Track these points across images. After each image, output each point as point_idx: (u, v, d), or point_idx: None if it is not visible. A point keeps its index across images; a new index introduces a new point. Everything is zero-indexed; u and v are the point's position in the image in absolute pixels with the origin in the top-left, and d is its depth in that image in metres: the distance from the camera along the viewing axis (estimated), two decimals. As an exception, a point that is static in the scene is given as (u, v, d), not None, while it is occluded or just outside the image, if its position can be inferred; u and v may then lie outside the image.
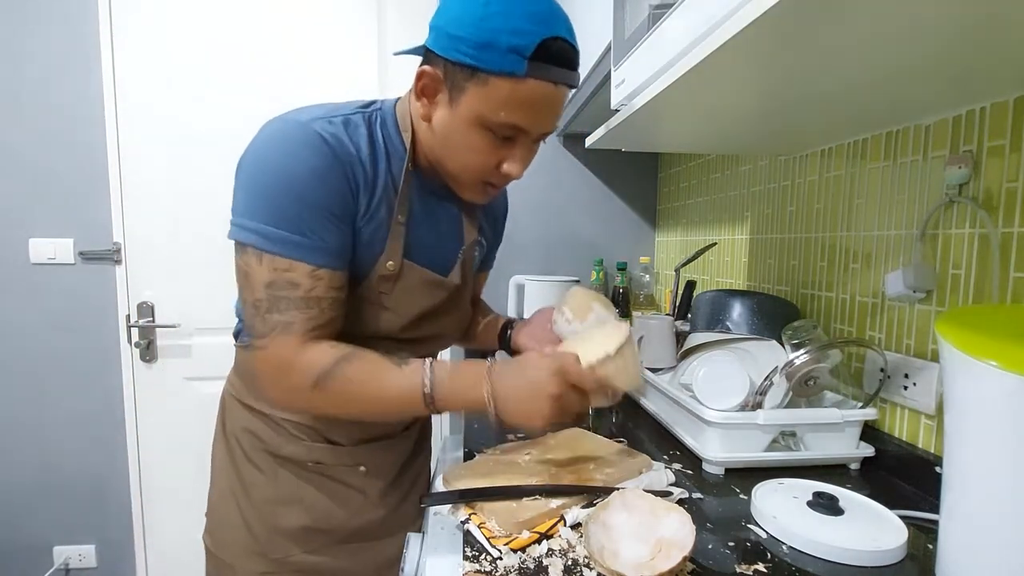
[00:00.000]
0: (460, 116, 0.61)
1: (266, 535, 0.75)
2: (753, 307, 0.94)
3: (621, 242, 1.82)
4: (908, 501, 0.69)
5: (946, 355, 0.49)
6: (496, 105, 0.59)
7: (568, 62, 0.60)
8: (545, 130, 0.65)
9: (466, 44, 0.57)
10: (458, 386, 0.62)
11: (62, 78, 1.57)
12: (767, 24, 0.44)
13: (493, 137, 0.62)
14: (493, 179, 0.68)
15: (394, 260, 0.68)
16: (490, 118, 0.60)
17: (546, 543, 0.57)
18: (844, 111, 0.77)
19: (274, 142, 0.60)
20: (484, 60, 0.56)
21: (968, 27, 0.46)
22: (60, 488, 1.69)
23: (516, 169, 0.66)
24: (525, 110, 0.60)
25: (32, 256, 1.61)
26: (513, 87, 0.58)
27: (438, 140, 0.65)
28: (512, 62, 0.56)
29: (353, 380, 0.61)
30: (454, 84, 0.60)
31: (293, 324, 0.60)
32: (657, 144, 1.11)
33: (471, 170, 0.66)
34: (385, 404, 0.63)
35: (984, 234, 0.68)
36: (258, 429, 0.76)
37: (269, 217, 0.59)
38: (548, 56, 0.57)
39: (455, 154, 0.65)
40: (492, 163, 0.65)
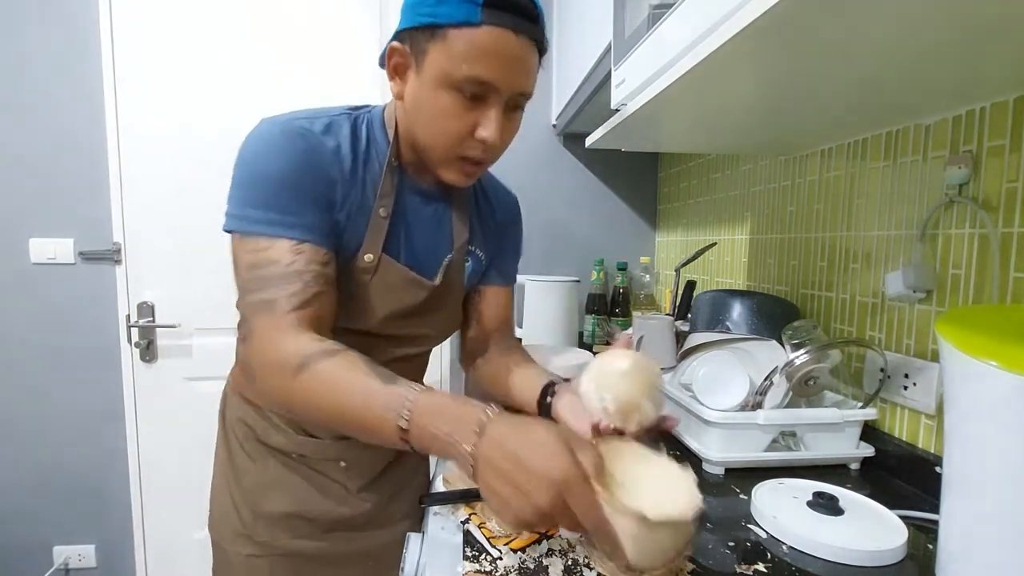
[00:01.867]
0: (426, 80, 0.60)
1: (252, 519, 0.79)
2: (753, 307, 0.94)
3: (621, 242, 1.82)
4: (908, 501, 0.69)
5: (946, 355, 0.49)
6: (457, 59, 0.57)
7: (525, 10, 0.58)
8: (515, 87, 0.61)
9: (425, 4, 0.57)
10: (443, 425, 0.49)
11: (62, 78, 1.57)
12: (767, 24, 0.44)
13: (462, 98, 0.60)
14: (469, 150, 0.64)
15: (372, 253, 0.68)
16: (453, 74, 0.58)
17: (546, 543, 0.57)
18: (844, 111, 0.77)
19: (256, 138, 0.63)
20: (440, 15, 0.57)
21: (968, 27, 0.46)
22: (60, 488, 1.69)
23: (490, 132, 0.61)
24: (487, 60, 0.58)
25: (32, 256, 1.61)
26: (471, 36, 0.57)
27: (410, 113, 0.65)
28: (466, 11, 0.56)
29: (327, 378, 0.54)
30: (418, 50, 0.60)
31: (276, 302, 0.58)
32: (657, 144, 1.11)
33: (444, 138, 0.63)
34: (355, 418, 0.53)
35: (984, 234, 0.68)
36: (250, 419, 0.80)
37: (249, 202, 0.60)
38: (503, 3, 0.57)
39: (427, 123, 0.63)
40: (464, 128, 0.62)
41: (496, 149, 0.65)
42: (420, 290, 0.74)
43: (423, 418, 0.49)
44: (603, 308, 1.61)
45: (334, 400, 0.53)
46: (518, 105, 0.64)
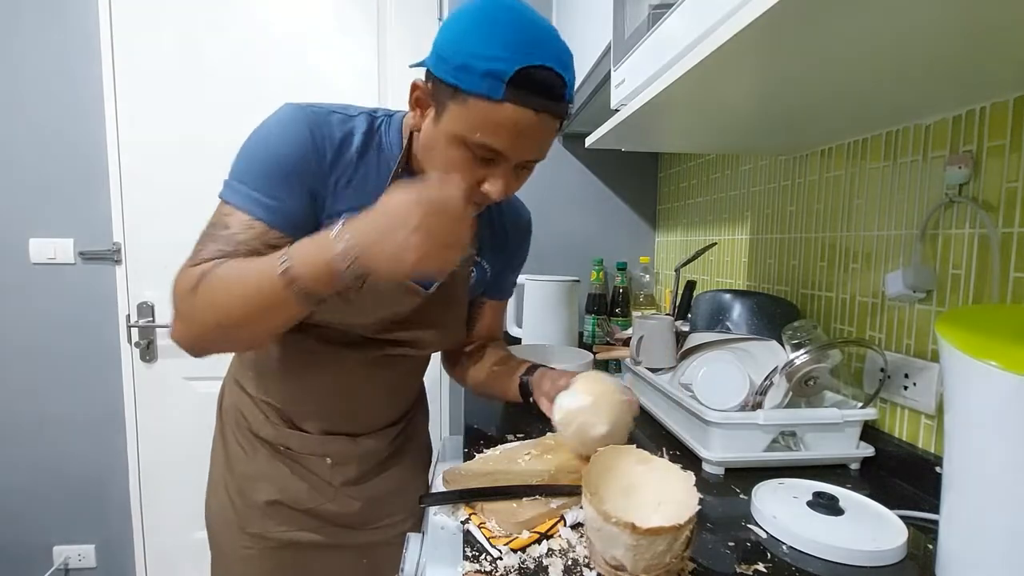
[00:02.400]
0: (441, 132, 0.61)
1: (244, 508, 0.81)
2: (753, 307, 0.94)
3: (621, 242, 1.82)
4: (908, 501, 0.69)
5: (946, 355, 0.49)
6: (472, 126, 0.58)
7: (550, 90, 0.58)
8: (525, 157, 0.63)
9: (448, 64, 0.58)
10: (313, 246, 0.54)
11: (62, 78, 1.57)
12: (767, 24, 0.44)
13: (472, 157, 0.61)
14: (474, 196, 0.65)
15: None
16: (467, 137, 0.59)
17: (546, 543, 0.57)
18: (844, 111, 0.77)
19: (272, 116, 0.66)
20: (463, 80, 0.57)
21: (968, 27, 0.46)
22: (60, 488, 1.69)
23: (495, 191, 0.63)
24: (502, 134, 0.59)
25: (32, 256, 1.61)
26: (490, 109, 0.57)
27: (423, 151, 0.66)
28: (489, 86, 0.56)
29: (221, 276, 0.58)
30: (439, 100, 0.61)
31: (202, 252, 0.62)
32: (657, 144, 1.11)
33: None
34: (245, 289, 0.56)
35: (984, 234, 0.68)
36: (244, 408, 0.83)
37: (238, 172, 0.64)
38: (529, 83, 0.56)
39: (435, 164, 0.64)
40: (472, 180, 0.63)
41: (499, 200, 0.66)
42: (413, 298, 0.75)
43: (296, 254, 0.54)
44: (603, 308, 1.61)
45: (227, 290, 0.58)
46: (528, 167, 0.66)
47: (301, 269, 0.53)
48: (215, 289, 0.58)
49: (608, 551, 0.49)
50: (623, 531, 0.46)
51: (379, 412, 0.86)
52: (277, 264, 0.54)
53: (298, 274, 0.53)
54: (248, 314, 0.57)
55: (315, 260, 0.53)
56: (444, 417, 1.81)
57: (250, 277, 0.56)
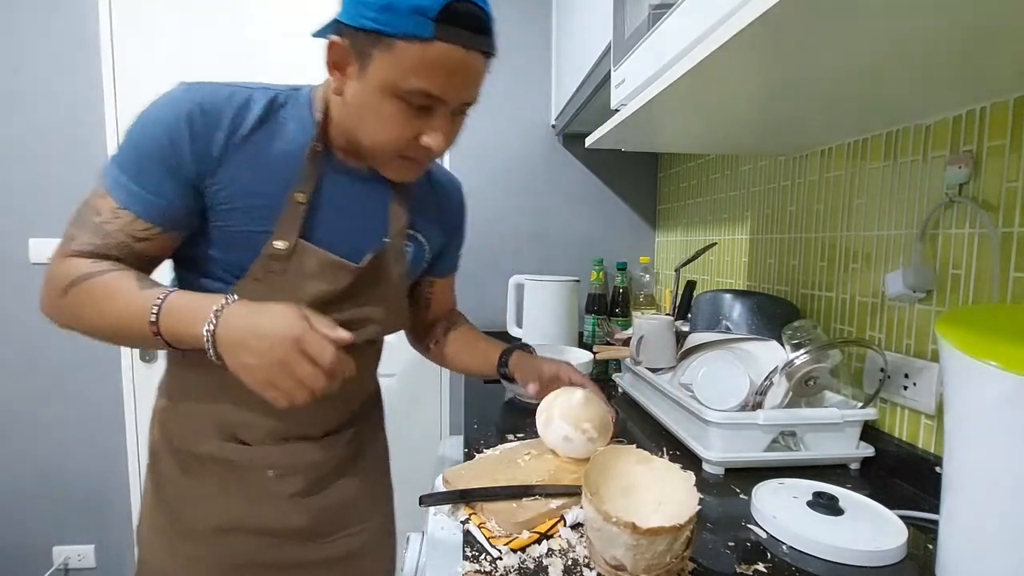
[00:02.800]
0: (370, 86, 0.58)
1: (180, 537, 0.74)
2: (753, 307, 0.94)
3: (621, 242, 1.82)
4: (908, 501, 0.69)
5: (946, 355, 0.49)
6: (404, 71, 0.56)
7: (477, 25, 0.57)
8: (463, 99, 0.61)
9: (368, 8, 0.55)
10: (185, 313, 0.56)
11: (62, 78, 1.57)
12: (767, 24, 0.44)
13: (407, 107, 0.59)
14: (411, 151, 0.64)
15: (287, 240, 0.65)
16: (400, 85, 0.57)
17: (546, 543, 0.57)
18: (844, 111, 0.77)
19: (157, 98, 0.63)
20: (387, 23, 0.54)
21: (968, 28, 0.46)
22: (60, 488, 1.69)
23: (436, 141, 0.61)
24: (437, 75, 0.57)
25: (32, 256, 1.61)
26: (421, 51, 0.55)
27: (351, 114, 0.63)
28: (416, 24, 0.54)
29: (94, 291, 0.59)
30: (361, 52, 0.58)
31: (74, 240, 0.61)
32: (657, 144, 1.11)
33: (387, 143, 0.62)
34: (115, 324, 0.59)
35: (984, 234, 0.68)
36: (172, 424, 0.75)
37: (120, 156, 0.62)
38: (455, 18, 0.55)
39: (369, 127, 0.62)
40: (409, 135, 0.61)
41: (439, 150, 0.64)
42: (344, 274, 0.69)
43: (170, 312, 0.57)
44: (603, 308, 1.61)
45: (97, 308, 0.59)
46: (463, 111, 0.65)
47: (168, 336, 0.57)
48: (83, 305, 0.60)
49: (608, 551, 0.49)
50: (623, 531, 0.46)
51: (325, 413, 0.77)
52: (148, 313, 0.57)
53: (163, 330, 0.57)
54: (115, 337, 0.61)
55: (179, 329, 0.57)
56: (444, 417, 1.81)
57: (120, 311, 0.58)
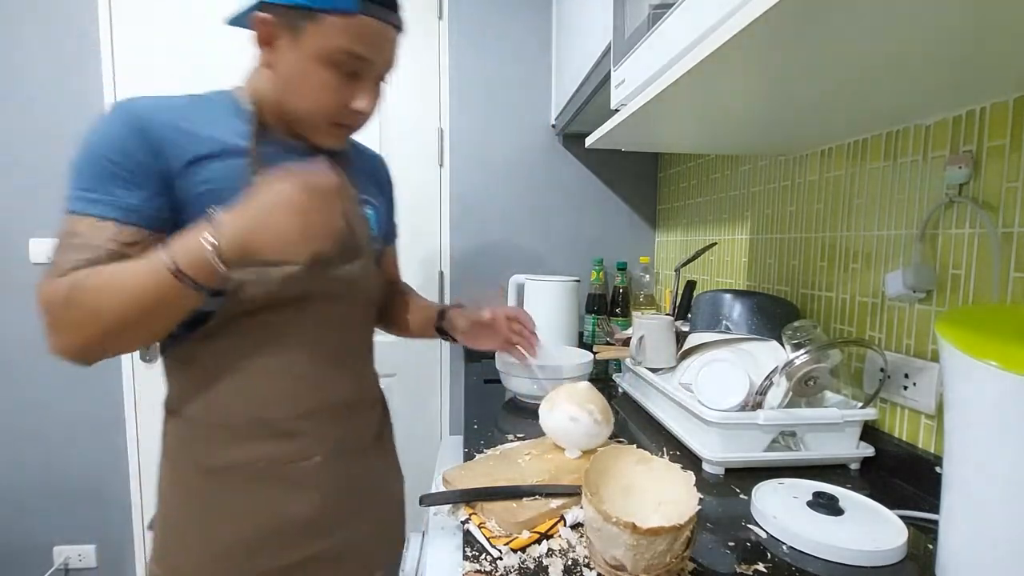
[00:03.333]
0: (304, 55, 0.64)
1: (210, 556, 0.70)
2: (753, 307, 0.94)
3: (621, 242, 1.82)
4: (908, 501, 0.69)
5: (946, 355, 0.49)
6: (337, 39, 0.63)
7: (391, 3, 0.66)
8: (385, 66, 0.69)
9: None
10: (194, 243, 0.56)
11: (62, 78, 1.57)
12: (767, 24, 0.44)
13: (338, 73, 0.65)
14: (343, 118, 0.69)
15: None
16: (332, 51, 0.63)
17: (546, 543, 0.57)
18: (844, 111, 0.77)
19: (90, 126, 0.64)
20: (317, 1, 0.62)
21: (968, 28, 0.46)
22: (60, 488, 1.69)
23: (366, 104, 0.68)
24: (364, 42, 0.65)
25: (32, 256, 1.61)
26: (348, 23, 0.63)
27: (284, 84, 0.67)
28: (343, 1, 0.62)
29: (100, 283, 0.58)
30: (292, 26, 0.64)
31: (62, 264, 0.60)
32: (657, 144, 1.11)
33: (321, 109, 0.68)
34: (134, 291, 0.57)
35: (984, 234, 0.68)
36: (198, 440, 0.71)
37: (72, 181, 0.62)
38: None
39: (303, 94, 0.67)
40: (342, 100, 0.67)
41: (367, 117, 0.71)
42: None
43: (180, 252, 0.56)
44: (603, 308, 1.61)
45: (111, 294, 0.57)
46: (382, 78, 0.71)
47: (189, 268, 0.56)
48: (95, 297, 0.58)
49: (608, 551, 0.49)
50: (623, 531, 0.46)
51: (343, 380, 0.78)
52: (164, 263, 0.56)
53: (188, 271, 0.56)
54: (142, 313, 0.59)
55: (199, 259, 0.56)
56: (444, 417, 1.81)
57: (137, 278, 0.57)
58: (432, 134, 1.72)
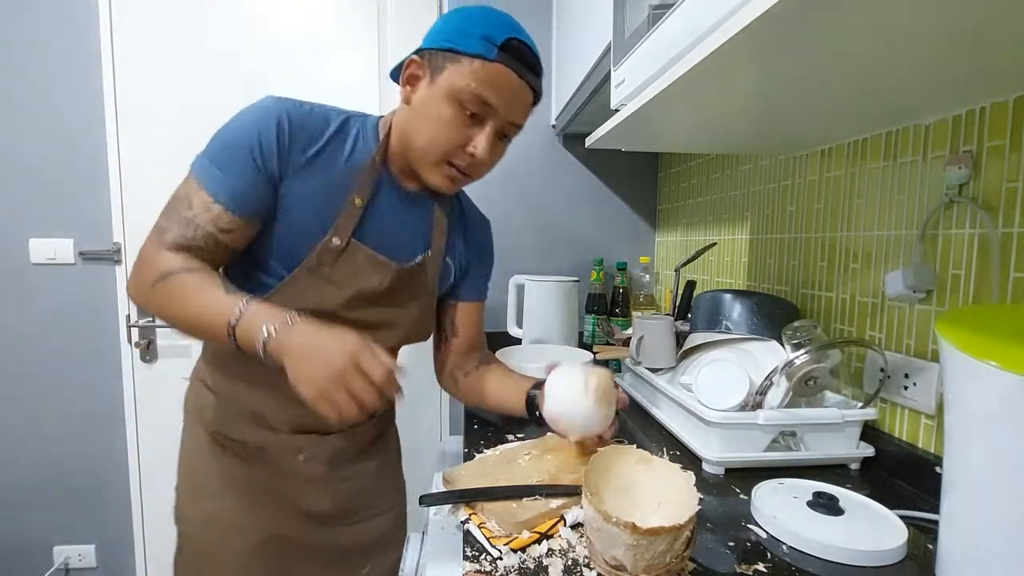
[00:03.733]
0: (437, 90, 0.69)
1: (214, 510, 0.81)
2: (753, 307, 0.94)
3: (621, 242, 1.82)
4: (908, 501, 0.69)
5: (946, 355, 0.49)
6: (467, 78, 0.67)
7: (530, 63, 0.70)
8: (510, 117, 0.72)
9: (448, 33, 0.69)
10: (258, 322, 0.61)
11: (62, 78, 1.57)
12: (767, 24, 0.44)
13: (463, 113, 0.69)
14: (458, 158, 0.72)
15: (340, 237, 0.73)
16: (462, 90, 0.67)
17: (546, 543, 0.57)
18: (844, 111, 0.77)
19: (251, 104, 0.72)
20: (460, 43, 0.67)
21: (968, 28, 0.46)
22: (60, 488, 1.69)
23: (481, 148, 0.70)
24: (493, 88, 0.68)
25: (32, 256, 1.61)
26: (483, 65, 0.67)
27: (413, 116, 0.72)
28: (483, 47, 0.67)
29: (181, 287, 0.64)
30: (435, 66, 0.69)
31: (167, 232, 0.67)
32: (657, 144, 1.11)
33: (437, 143, 0.71)
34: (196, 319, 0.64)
35: (984, 234, 0.68)
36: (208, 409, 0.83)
37: (209, 150, 0.70)
38: (514, 51, 0.68)
39: (426, 127, 0.71)
40: (459, 139, 0.71)
41: (482, 166, 0.74)
42: (386, 272, 0.77)
43: (248, 316, 0.62)
44: (603, 308, 1.61)
45: (182, 304, 0.64)
46: (507, 135, 0.75)
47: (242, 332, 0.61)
48: (170, 299, 0.65)
49: (608, 551, 0.49)
50: (623, 531, 0.46)
51: None
52: (230, 317, 0.62)
53: (238, 335, 0.62)
54: (193, 333, 0.67)
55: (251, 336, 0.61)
56: (444, 417, 1.81)
57: (203, 310, 0.64)
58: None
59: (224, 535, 0.81)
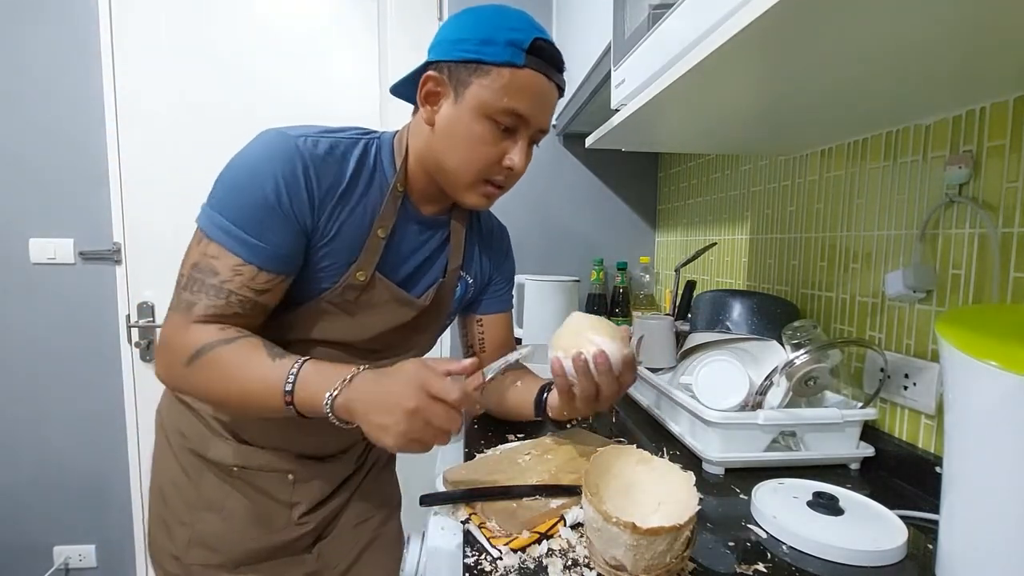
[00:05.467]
0: (465, 108, 0.65)
1: (185, 543, 0.75)
2: (753, 307, 0.94)
3: (621, 242, 1.82)
4: (908, 501, 0.69)
5: (946, 355, 0.49)
6: (499, 92, 0.63)
7: (556, 62, 0.67)
8: (542, 124, 0.69)
9: (469, 43, 0.63)
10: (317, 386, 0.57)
11: (62, 78, 1.57)
12: (767, 24, 0.44)
13: (496, 128, 0.66)
14: (494, 174, 0.69)
15: (365, 271, 0.70)
16: (494, 105, 0.64)
17: (546, 543, 0.57)
18: (844, 111, 0.77)
19: (257, 145, 0.64)
20: (486, 53, 0.63)
21: (968, 27, 0.46)
22: (60, 488, 1.69)
23: (518, 161, 0.68)
24: (525, 97, 0.64)
25: (32, 256, 1.61)
26: (513, 74, 0.63)
27: (442, 139, 0.68)
28: (511, 53, 0.63)
29: (221, 362, 0.59)
30: (459, 81, 0.65)
31: (195, 306, 0.61)
32: (657, 144, 1.11)
33: (473, 163, 0.67)
34: (245, 394, 0.59)
35: (984, 234, 0.68)
36: (186, 427, 0.77)
37: (222, 207, 0.62)
38: (541, 52, 0.64)
39: (459, 148, 0.67)
40: (495, 156, 0.67)
41: (517, 176, 0.71)
42: (409, 310, 0.76)
43: (303, 383, 0.58)
44: (603, 308, 1.61)
45: (227, 380, 0.60)
46: (536, 140, 0.71)
47: (300, 400, 0.58)
48: (210, 376, 0.60)
49: (608, 551, 0.49)
50: (623, 531, 0.46)
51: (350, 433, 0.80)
52: (282, 385, 0.58)
53: (296, 401, 0.58)
54: (242, 406, 0.62)
55: (313, 400, 0.57)
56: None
57: (251, 383, 0.59)
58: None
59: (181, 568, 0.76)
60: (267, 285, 0.63)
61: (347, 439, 0.83)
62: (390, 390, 0.55)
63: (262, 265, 0.62)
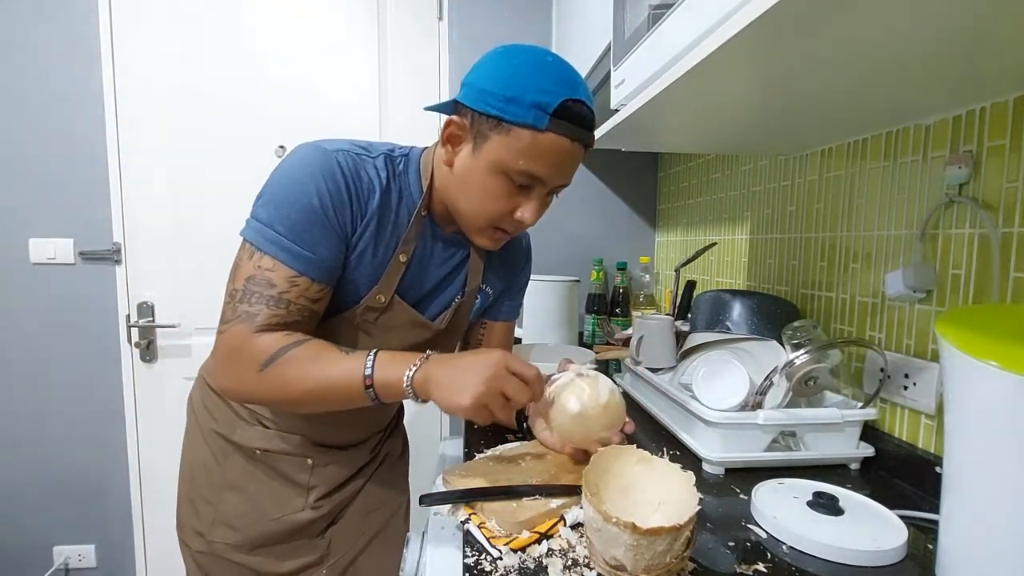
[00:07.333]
0: (482, 161, 0.65)
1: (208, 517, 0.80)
2: (753, 307, 0.94)
3: (621, 242, 1.82)
4: (908, 501, 0.69)
5: (946, 355, 0.49)
6: (516, 153, 0.62)
7: (586, 123, 0.64)
8: (560, 183, 0.68)
9: (494, 97, 0.62)
10: (394, 368, 0.61)
11: (62, 77, 1.57)
12: (767, 24, 0.44)
13: (510, 184, 0.65)
14: (505, 224, 0.70)
15: (385, 294, 0.72)
16: (509, 165, 0.63)
17: (546, 543, 0.57)
18: (844, 111, 0.77)
19: (299, 160, 0.66)
20: (509, 112, 0.61)
21: (967, 27, 0.46)
22: (60, 488, 1.69)
23: (529, 216, 0.68)
24: (543, 161, 0.63)
25: (32, 256, 1.61)
26: (533, 138, 0.62)
27: (457, 184, 0.68)
28: (535, 116, 0.61)
29: (296, 362, 0.62)
30: (479, 132, 0.64)
31: (257, 316, 0.63)
32: (657, 144, 1.11)
33: (485, 213, 0.68)
34: (326, 387, 0.63)
35: (984, 234, 0.68)
36: (215, 409, 0.82)
37: (272, 221, 0.64)
38: (568, 115, 0.62)
39: (472, 197, 0.67)
40: (506, 209, 0.68)
41: (529, 226, 0.71)
42: (424, 332, 0.79)
43: (380, 366, 0.62)
44: (603, 308, 1.61)
45: (306, 377, 0.62)
46: (555, 193, 0.71)
47: (380, 381, 0.61)
48: (289, 375, 0.62)
49: (608, 551, 0.49)
50: (623, 531, 0.46)
51: (367, 426, 0.88)
52: (362, 374, 0.61)
53: (376, 382, 0.61)
54: (321, 403, 0.65)
55: (392, 379, 0.61)
56: (444, 417, 1.81)
57: (329, 377, 0.62)
58: (432, 134, 1.72)
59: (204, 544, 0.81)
60: (320, 295, 0.67)
61: (364, 431, 0.88)
62: (471, 362, 0.60)
63: (315, 276, 0.65)
